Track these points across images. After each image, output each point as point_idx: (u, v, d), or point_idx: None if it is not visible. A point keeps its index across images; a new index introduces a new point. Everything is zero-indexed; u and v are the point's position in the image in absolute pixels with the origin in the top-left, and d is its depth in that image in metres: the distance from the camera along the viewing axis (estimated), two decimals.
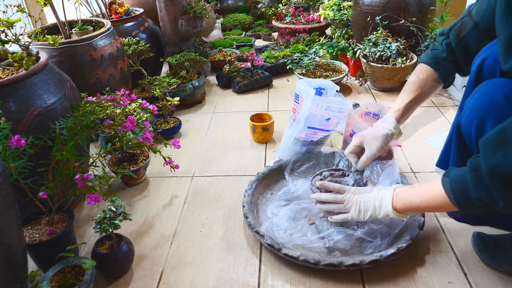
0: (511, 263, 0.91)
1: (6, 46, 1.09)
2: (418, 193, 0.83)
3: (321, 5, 2.80)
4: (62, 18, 1.50)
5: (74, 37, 1.50)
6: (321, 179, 1.10)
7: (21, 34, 1.10)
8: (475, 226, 1.02)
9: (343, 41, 2.31)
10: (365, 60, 1.92)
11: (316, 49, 2.22)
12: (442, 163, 1.05)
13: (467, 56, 0.95)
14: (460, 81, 1.82)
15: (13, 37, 1.07)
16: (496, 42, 0.89)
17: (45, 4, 1.30)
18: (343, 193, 0.97)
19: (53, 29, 1.60)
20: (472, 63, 0.92)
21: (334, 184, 1.00)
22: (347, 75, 2.05)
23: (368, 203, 0.92)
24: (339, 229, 1.01)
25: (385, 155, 1.29)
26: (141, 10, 2.06)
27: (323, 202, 1.01)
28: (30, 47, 1.12)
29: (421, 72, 1.02)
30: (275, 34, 2.97)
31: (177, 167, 1.17)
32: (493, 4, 0.81)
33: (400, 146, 1.47)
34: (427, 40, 1.93)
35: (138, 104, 1.28)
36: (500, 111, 0.74)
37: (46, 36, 1.29)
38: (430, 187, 0.79)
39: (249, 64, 2.13)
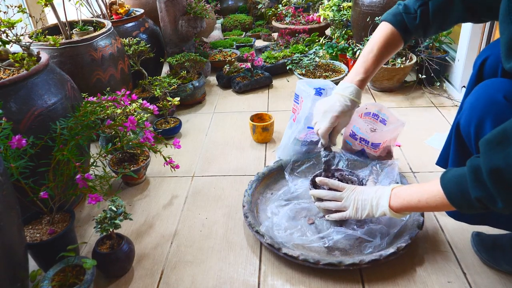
0: (510, 263, 0.91)
1: (7, 46, 1.10)
2: (416, 193, 0.83)
3: (320, 6, 2.80)
4: (62, 19, 1.50)
5: (75, 38, 1.50)
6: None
7: (22, 35, 1.10)
8: (474, 226, 1.02)
9: (342, 42, 2.31)
10: None
11: (315, 49, 2.23)
12: (442, 161, 1.06)
13: (441, 27, 0.94)
14: (460, 82, 1.82)
15: (14, 37, 1.08)
16: (497, 42, 0.89)
17: (46, 5, 1.31)
18: (342, 191, 0.97)
19: (54, 30, 1.60)
20: (473, 64, 0.92)
21: (333, 181, 1.00)
22: (346, 75, 2.05)
23: (366, 202, 0.93)
24: (338, 229, 1.01)
25: (384, 155, 1.29)
26: (142, 11, 2.06)
27: (321, 200, 1.01)
28: (31, 47, 1.12)
29: (386, 34, 0.98)
30: (275, 35, 2.97)
31: (177, 167, 1.18)
32: None
33: (399, 146, 1.47)
34: (427, 40, 1.94)
35: (139, 104, 1.28)
36: (499, 111, 0.74)
37: (47, 36, 1.30)
38: (429, 186, 0.79)
39: (249, 64, 2.13)
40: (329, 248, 1.00)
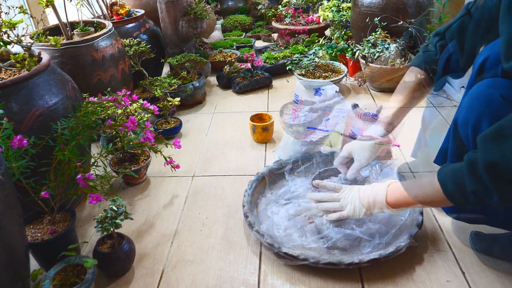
0: (509, 262, 0.92)
1: (9, 47, 1.10)
2: (413, 188, 0.83)
3: (320, 7, 2.81)
4: (63, 19, 1.51)
5: (76, 38, 1.50)
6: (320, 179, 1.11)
7: (23, 35, 1.10)
8: (473, 225, 1.03)
9: (342, 42, 2.32)
10: (364, 61, 1.93)
11: (315, 50, 2.23)
12: (439, 159, 1.06)
13: (462, 57, 0.95)
14: (458, 82, 1.83)
15: (15, 38, 1.08)
16: (497, 43, 0.89)
17: (47, 6, 1.31)
18: (339, 192, 0.98)
19: (55, 30, 1.61)
20: (473, 64, 0.92)
21: (330, 183, 1.00)
22: (346, 75, 2.06)
23: (363, 200, 0.93)
24: (338, 229, 1.02)
25: (383, 155, 1.30)
26: (142, 12, 2.07)
27: (320, 201, 1.02)
28: (32, 48, 1.13)
29: (412, 76, 1.01)
30: (275, 35, 2.98)
31: (177, 167, 1.18)
32: (496, 0, 0.80)
33: (399, 146, 1.48)
34: (426, 41, 1.94)
35: (139, 104, 1.29)
36: (496, 110, 0.75)
37: (48, 37, 1.30)
38: (426, 181, 0.79)
39: (249, 65, 2.14)
40: (328, 248, 1.00)
